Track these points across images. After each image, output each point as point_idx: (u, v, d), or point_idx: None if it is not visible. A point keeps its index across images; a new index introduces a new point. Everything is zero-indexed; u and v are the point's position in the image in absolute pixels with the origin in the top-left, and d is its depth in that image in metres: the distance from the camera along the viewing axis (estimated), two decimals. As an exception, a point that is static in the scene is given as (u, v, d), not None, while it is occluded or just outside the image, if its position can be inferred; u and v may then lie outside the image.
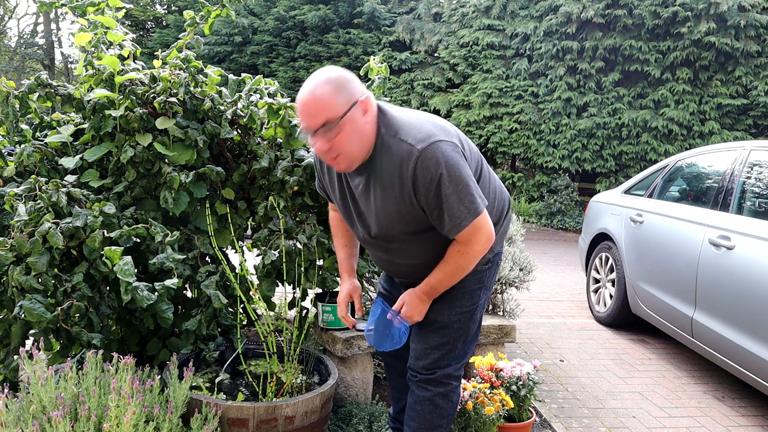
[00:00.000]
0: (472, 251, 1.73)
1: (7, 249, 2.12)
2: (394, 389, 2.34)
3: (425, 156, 1.60)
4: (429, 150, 1.60)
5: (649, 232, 4.07)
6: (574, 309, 5.25)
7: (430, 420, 1.97)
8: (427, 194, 1.63)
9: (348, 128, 1.60)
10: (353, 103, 1.60)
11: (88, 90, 2.72)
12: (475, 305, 1.95)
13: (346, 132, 1.60)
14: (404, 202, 1.68)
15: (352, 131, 1.61)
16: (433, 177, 1.60)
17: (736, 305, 3.02)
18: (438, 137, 1.63)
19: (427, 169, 1.60)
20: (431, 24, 14.09)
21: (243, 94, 2.85)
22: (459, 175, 1.62)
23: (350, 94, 1.60)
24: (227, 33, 14.91)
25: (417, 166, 1.61)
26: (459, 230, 1.67)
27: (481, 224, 1.68)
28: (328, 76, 1.60)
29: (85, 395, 1.79)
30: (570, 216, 11.83)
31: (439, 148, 1.61)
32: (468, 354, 2.02)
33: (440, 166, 1.60)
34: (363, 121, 1.62)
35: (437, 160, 1.60)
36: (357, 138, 1.63)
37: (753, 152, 3.42)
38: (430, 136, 1.63)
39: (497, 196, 1.94)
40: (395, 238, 1.81)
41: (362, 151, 1.66)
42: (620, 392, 3.33)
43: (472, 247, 1.72)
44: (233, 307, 2.66)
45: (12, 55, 23.46)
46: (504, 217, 1.99)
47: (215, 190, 2.76)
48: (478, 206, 1.65)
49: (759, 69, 10.89)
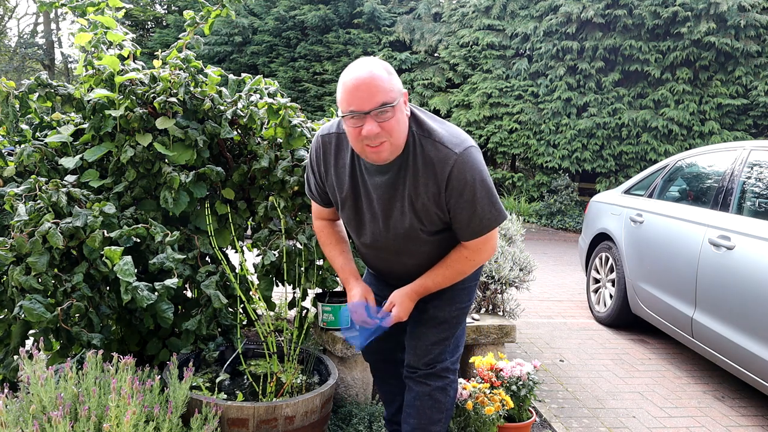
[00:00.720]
0: (479, 259, 1.81)
1: (7, 249, 2.12)
2: (386, 392, 2.32)
3: (462, 160, 1.65)
4: (465, 155, 1.66)
5: (649, 232, 4.07)
6: (574, 309, 5.25)
7: (430, 415, 1.99)
8: (459, 198, 1.67)
9: (398, 114, 1.62)
10: (402, 92, 1.64)
11: (88, 90, 2.72)
12: (471, 301, 2.03)
13: (397, 117, 1.62)
14: (433, 202, 1.71)
15: (401, 118, 1.64)
16: (468, 182, 1.66)
17: (736, 305, 3.02)
18: (471, 143, 1.70)
19: (463, 173, 1.65)
20: (431, 24, 14.08)
21: (243, 94, 2.85)
22: (490, 182, 1.71)
23: (399, 84, 1.64)
24: (227, 33, 14.90)
25: (454, 169, 1.65)
26: (479, 235, 1.73)
27: (495, 234, 1.77)
28: (381, 63, 1.63)
29: (85, 395, 1.79)
30: (570, 216, 11.83)
31: (472, 154, 1.68)
32: (461, 346, 2.07)
33: (476, 172, 1.66)
34: (405, 112, 1.67)
35: (473, 165, 1.66)
36: (402, 126, 1.65)
37: (753, 152, 3.42)
38: (464, 141, 1.69)
39: None
40: (413, 237, 1.80)
41: (402, 141, 1.68)
42: (620, 392, 3.33)
43: (480, 255, 1.80)
44: (233, 307, 2.66)
45: (12, 55, 23.46)
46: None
47: (215, 190, 2.76)
48: (502, 214, 1.73)
49: (759, 69, 10.89)
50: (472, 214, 1.69)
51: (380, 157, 1.66)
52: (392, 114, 1.60)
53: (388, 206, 1.77)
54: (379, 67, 1.60)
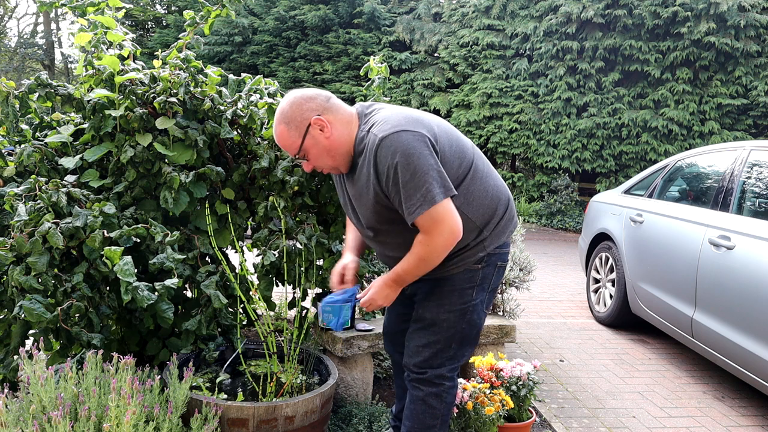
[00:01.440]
0: (434, 243, 1.75)
1: (7, 249, 2.12)
2: (399, 387, 2.34)
3: (384, 144, 1.70)
4: (388, 139, 1.70)
5: (649, 232, 4.07)
6: (574, 309, 5.25)
7: (423, 420, 1.98)
8: (387, 181, 1.72)
9: (313, 150, 1.80)
10: (306, 129, 1.77)
11: (88, 90, 2.72)
12: (467, 304, 1.93)
13: (313, 153, 1.81)
14: (377, 189, 1.77)
15: (318, 150, 1.80)
16: (390, 164, 1.69)
17: (736, 305, 3.02)
18: (402, 128, 1.71)
19: (386, 157, 1.70)
20: (431, 24, 14.09)
21: (243, 94, 2.85)
22: (417, 164, 1.68)
23: (301, 122, 1.77)
24: (227, 33, 14.90)
25: (378, 153, 1.71)
26: (414, 217, 1.72)
27: (441, 215, 1.71)
28: (283, 111, 1.79)
29: (85, 395, 1.79)
30: (570, 216, 11.83)
31: (399, 138, 1.69)
32: (464, 356, 2.00)
33: (397, 155, 1.68)
34: (324, 137, 1.78)
35: (395, 148, 1.68)
36: (326, 152, 1.81)
37: (753, 152, 3.42)
38: (394, 126, 1.72)
39: (490, 194, 1.91)
40: (379, 229, 1.89)
41: (340, 158, 1.83)
42: (620, 392, 3.33)
43: (433, 239, 1.75)
44: (233, 307, 2.66)
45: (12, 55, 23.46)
46: (498, 216, 1.93)
47: (215, 190, 2.76)
48: (434, 195, 1.69)
49: (759, 69, 10.90)
50: (399, 196, 1.71)
51: (334, 172, 1.89)
52: (306, 153, 1.81)
53: (357, 202, 1.89)
54: (279, 121, 1.79)
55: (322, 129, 1.77)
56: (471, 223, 1.86)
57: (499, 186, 1.97)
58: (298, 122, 1.77)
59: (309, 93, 1.80)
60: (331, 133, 1.78)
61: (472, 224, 1.86)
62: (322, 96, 1.81)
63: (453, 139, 1.85)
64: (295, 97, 1.79)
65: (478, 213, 1.87)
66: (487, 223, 1.90)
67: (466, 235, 1.85)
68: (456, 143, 1.85)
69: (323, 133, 1.78)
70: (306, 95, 1.79)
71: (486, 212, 1.89)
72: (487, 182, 1.91)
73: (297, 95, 1.80)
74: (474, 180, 1.87)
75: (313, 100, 1.79)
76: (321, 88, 14.07)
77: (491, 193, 1.91)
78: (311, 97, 1.79)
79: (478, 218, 1.87)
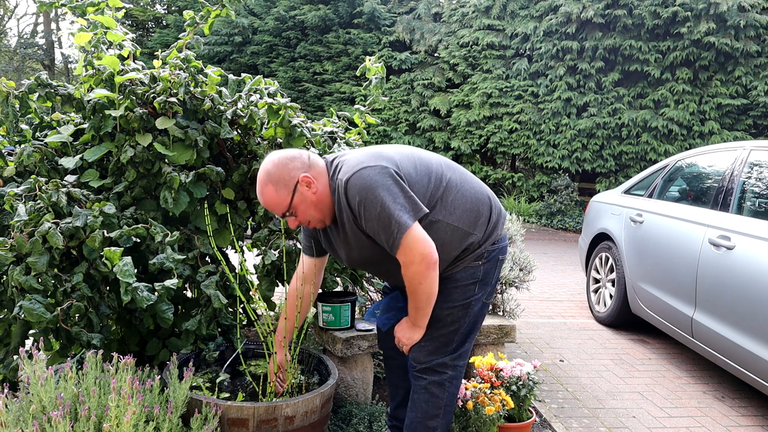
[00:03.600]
0: (411, 272, 1.79)
1: (7, 249, 2.12)
2: (392, 384, 2.37)
3: (349, 185, 1.78)
4: (352, 179, 1.77)
5: (649, 232, 4.07)
6: (574, 309, 5.25)
7: (426, 409, 2.01)
8: (362, 220, 1.78)
9: (301, 206, 1.86)
10: (294, 187, 1.83)
11: (88, 90, 2.72)
12: (469, 299, 1.98)
13: (302, 209, 1.86)
14: (360, 231, 1.83)
15: (305, 206, 1.86)
16: (359, 202, 1.76)
17: (736, 305, 3.02)
18: (362, 165, 1.78)
19: (353, 197, 1.77)
20: (431, 24, 14.08)
21: (243, 94, 2.85)
22: (382, 195, 1.73)
23: (290, 181, 1.83)
24: (227, 33, 14.90)
25: (347, 196, 1.79)
26: (396, 248, 1.76)
27: (411, 243, 1.75)
28: (269, 173, 1.84)
29: (85, 395, 1.79)
30: (570, 216, 11.83)
31: (360, 175, 1.76)
32: (466, 347, 2.05)
33: (362, 191, 1.75)
34: (311, 192, 1.85)
35: (359, 186, 1.76)
36: (313, 206, 1.87)
37: (753, 152, 3.42)
38: (354, 166, 1.79)
39: (470, 199, 1.95)
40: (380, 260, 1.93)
41: (326, 210, 1.88)
42: (620, 392, 3.33)
43: (409, 269, 1.78)
44: (233, 307, 2.66)
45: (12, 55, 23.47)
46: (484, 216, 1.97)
47: (215, 190, 2.76)
48: (405, 221, 1.73)
49: (759, 69, 10.90)
50: (378, 230, 1.76)
51: (320, 226, 1.93)
52: (294, 211, 1.86)
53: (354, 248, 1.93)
54: (265, 182, 1.84)
55: (308, 185, 1.84)
56: (459, 231, 1.91)
57: (477, 188, 2.00)
58: (286, 181, 1.83)
59: (290, 153, 1.88)
60: (317, 188, 1.85)
61: (461, 231, 1.91)
62: (303, 154, 1.89)
63: (416, 160, 1.92)
64: (278, 158, 1.85)
65: (463, 219, 1.92)
66: (475, 226, 1.94)
67: (458, 242, 1.91)
68: (420, 163, 1.92)
69: (310, 189, 1.84)
70: (288, 155, 1.87)
71: (470, 216, 1.94)
72: (464, 188, 1.96)
73: (279, 156, 1.86)
74: (449, 190, 1.92)
75: (296, 159, 1.86)
76: (321, 88, 14.16)
77: (471, 197, 1.96)
78: (294, 157, 1.87)
79: (464, 224, 1.92)
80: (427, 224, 1.84)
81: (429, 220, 1.86)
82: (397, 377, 2.33)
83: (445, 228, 1.89)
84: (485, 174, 13.12)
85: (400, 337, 2.02)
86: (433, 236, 1.83)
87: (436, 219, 1.87)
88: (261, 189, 1.86)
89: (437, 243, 1.84)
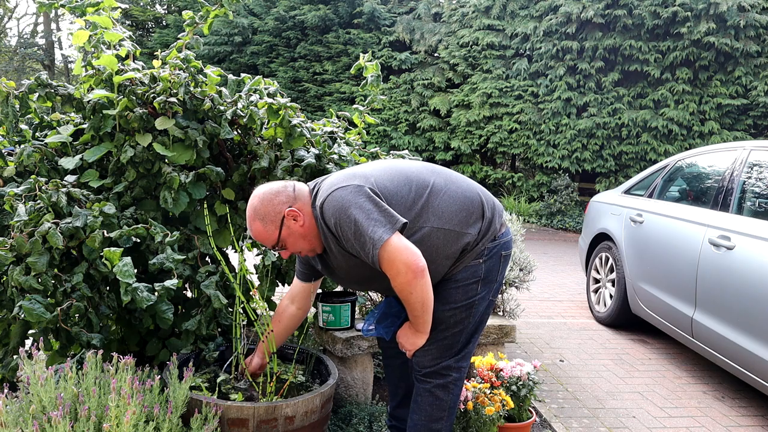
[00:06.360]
0: (399, 284, 1.78)
1: (7, 249, 2.12)
2: (392, 384, 2.37)
3: (325, 209, 1.81)
4: (326, 203, 1.81)
5: (649, 232, 4.07)
6: (574, 309, 5.25)
7: (430, 412, 2.00)
8: (343, 241, 1.81)
9: (290, 239, 1.89)
10: (281, 222, 1.86)
11: (88, 90, 2.72)
12: (472, 299, 1.95)
13: (290, 241, 1.90)
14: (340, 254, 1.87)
15: (294, 238, 1.89)
16: (336, 224, 1.79)
17: (736, 305, 3.02)
18: (334, 187, 1.82)
19: (329, 220, 1.80)
20: (431, 24, 14.08)
21: (243, 94, 2.85)
22: (355, 214, 1.75)
23: (275, 217, 1.86)
24: (227, 33, 14.89)
25: (325, 220, 1.82)
26: (378, 263, 1.75)
27: (392, 254, 1.73)
28: (255, 209, 1.87)
29: (84, 395, 1.79)
30: (570, 216, 11.83)
31: (333, 197, 1.80)
32: (469, 348, 2.03)
33: (336, 213, 1.78)
34: (298, 225, 1.87)
35: (333, 208, 1.79)
36: (301, 238, 1.89)
37: (753, 152, 3.42)
38: (327, 190, 1.83)
39: (459, 200, 1.93)
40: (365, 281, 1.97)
41: (315, 239, 1.91)
42: (620, 392, 3.33)
43: (397, 280, 1.77)
44: (233, 307, 2.65)
45: (12, 55, 23.47)
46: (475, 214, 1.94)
47: (215, 191, 2.76)
48: (381, 236, 1.71)
49: (759, 69, 10.89)
50: (358, 248, 1.77)
51: (311, 254, 1.97)
52: (286, 241, 1.88)
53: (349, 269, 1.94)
54: (252, 219, 1.87)
55: (295, 219, 1.87)
56: (452, 233, 1.89)
57: (465, 188, 1.98)
58: (272, 217, 1.86)
59: (275, 187, 1.90)
60: (304, 221, 1.88)
61: (454, 233, 1.89)
62: (288, 187, 1.90)
63: (393, 173, 1.92)
64: (263, 194, 1.88)
65: (453, 221, 1.89)
66: (467, 225, 1.91)
67: (453, 244, 1.89)
68: (397, 175, 1.92)
69: (297, 222, 1.87)
70: (273, 190, 1.89)
71: (461, 216, 1.91)
72: (450, 189, 1.94)
73: (264, 191, 1.89)
74: (435, 194, 1.90)
75: (281, 193, 1.88)
76: (321, 88, 14.16)
77: (459, 198, 1.93)
78: (279, 191, 1.89)
79: (455, 225, 1.89)
80: (415, 233, 1.84)
81: (418, 228, 1.85)
82: (396, 377, 2.33)
83: (436, 233, 1.87)
84: (485, 174, 13.12)
85: (403, 343, 2.01)
86: (425, 243, 1.82)
87: (424, 226, 1.86)
88: (249, 224, 1.90)
89: (431, 249, 1.84)
